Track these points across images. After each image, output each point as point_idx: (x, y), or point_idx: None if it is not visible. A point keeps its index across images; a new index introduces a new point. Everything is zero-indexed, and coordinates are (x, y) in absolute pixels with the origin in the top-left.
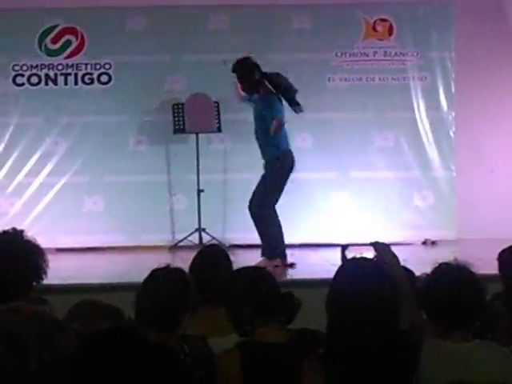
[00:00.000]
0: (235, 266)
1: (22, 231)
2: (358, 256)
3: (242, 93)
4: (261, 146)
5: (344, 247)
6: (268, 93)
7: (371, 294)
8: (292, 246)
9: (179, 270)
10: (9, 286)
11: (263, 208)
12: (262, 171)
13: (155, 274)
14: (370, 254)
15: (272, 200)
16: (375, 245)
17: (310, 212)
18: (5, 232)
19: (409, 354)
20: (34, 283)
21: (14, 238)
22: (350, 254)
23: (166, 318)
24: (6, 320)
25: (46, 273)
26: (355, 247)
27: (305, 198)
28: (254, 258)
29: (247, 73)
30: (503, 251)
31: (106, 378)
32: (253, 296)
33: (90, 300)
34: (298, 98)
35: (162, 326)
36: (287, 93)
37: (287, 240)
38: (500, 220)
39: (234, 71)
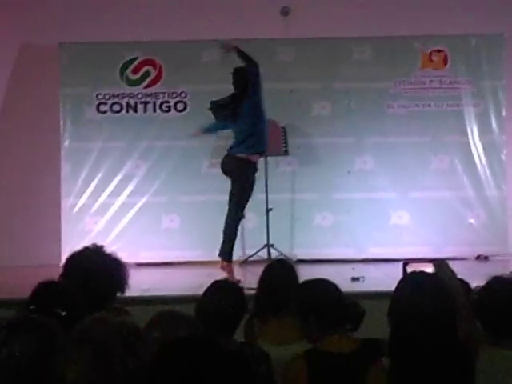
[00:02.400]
0: (302, 279)
1: (102, 246)
2: (418, 270)
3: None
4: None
5: (405, 263)
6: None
7: (430, 304)
8: (355, 261)
9: (232, 283)
10: (95, 296)
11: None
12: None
13: (212, 287)
14: (429, 268)
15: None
16: (434, 261)
17: (371, 229)
18: (87, 248)
19: (466, 361)
20: (118, 294)
21: (97, 252)
22: (410, 269)
23: (223, 324)
24: (92, 329)
25: (128, 285)
26: (416, 263)
27: (366, 217)
28: (319, 272)
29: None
30: None
31: (185, 382)
32: (319, 307)
33: (168, 310)
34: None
35: (220, 331)
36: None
37: (353, 255)
38: None
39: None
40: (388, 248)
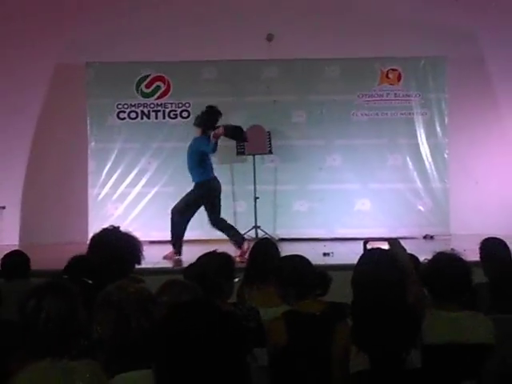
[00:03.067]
0: (282, 254)
1: (118, 227)
2: (376, 247)
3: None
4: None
5: (366, 241)
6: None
7: (385, 275)
8: (326, 240)
9: (222, 253)
10: (116, 267)
11: (176, 214)
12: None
13: (203, 256)
14: (385, 246)
15: (183, 212)
16: (389, 240)
17: (339, 214)
18: (106, 229)
19: (414, 321)
20: (136, 266)
21: (115, 232)
22: (369, 246)
23: (211, 287)
24: (113, 295)
25: (143, 257)
26: (374, 241)
27: (335, 204)
28: (297, 249)
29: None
30: (485, 239)
31: (188, 338)
32: (295, 277)
33: (175, 279)
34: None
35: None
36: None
37: (324, 235)
38: (482, 219)
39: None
40: (353, 229)
